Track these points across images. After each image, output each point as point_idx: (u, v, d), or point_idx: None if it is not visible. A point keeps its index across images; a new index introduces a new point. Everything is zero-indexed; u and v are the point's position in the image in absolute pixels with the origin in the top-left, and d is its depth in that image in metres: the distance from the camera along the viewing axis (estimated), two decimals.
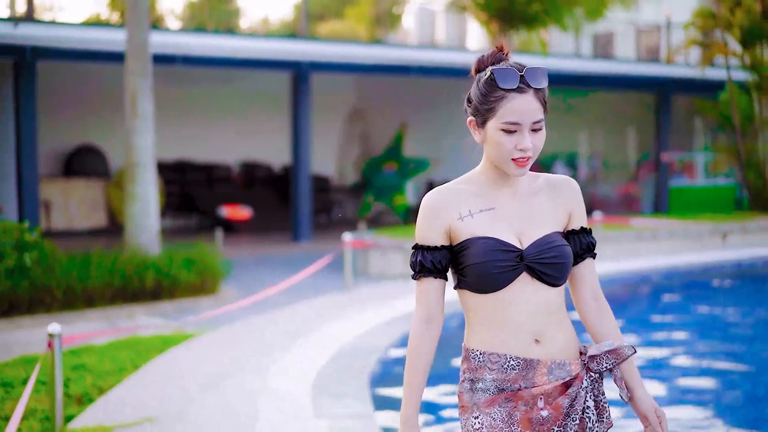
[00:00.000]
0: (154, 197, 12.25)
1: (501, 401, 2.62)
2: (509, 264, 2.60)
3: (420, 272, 2.69)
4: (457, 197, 2.69)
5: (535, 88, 2.60)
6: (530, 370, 2.62)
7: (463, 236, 2.65)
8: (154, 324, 10.04)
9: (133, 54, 12.07)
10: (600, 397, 2.68)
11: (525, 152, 2.59)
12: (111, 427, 5.45)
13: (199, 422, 5.69)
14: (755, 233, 18.48)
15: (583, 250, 2.76)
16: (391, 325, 8.95)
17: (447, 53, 20.61)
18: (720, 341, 9.85)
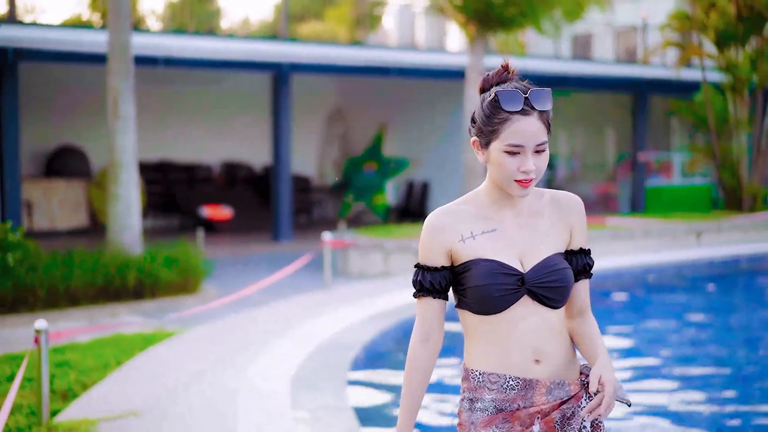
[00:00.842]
0: (136, 197, 12.39)
1: (498, 422, 2.64)
2: (510, 287, 2.61)
3: (420, 292, 2.71)
4: (459, 218, 2.69)
5: (539, 110, 2.59)
6: (529, 390, 2.64)
7: (465, 258, 2.66)
8: (136, 322, 10.19)
9: (114, 55, 12.20)
10: (598, 417, 2.65)
11: (528, 174, 2.59)
12: (96, 421, 5.63)
13: (181, 416, 5.87)
14: (729, 232, 18.78)
15: (579, 272, 2.77)
16: (368, 322, 9.15)
17: (426, 55, 20.81)
18: (691, 337, 10.09)
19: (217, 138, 23.46)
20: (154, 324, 10.03)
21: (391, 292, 11.21)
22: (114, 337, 8.89)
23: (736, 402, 7.31)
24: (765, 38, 21.02)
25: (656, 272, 14.20)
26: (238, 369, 7.18)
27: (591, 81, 22.12)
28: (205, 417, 5.84)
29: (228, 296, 10.79)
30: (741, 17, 20.65)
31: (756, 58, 21.06)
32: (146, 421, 5.72)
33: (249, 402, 6.19)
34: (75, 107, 20.70)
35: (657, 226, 18.07)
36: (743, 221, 19.38)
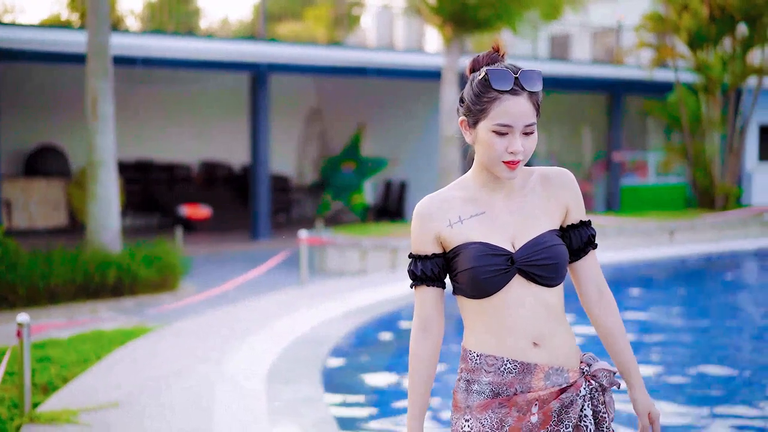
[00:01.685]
0: (115, 196, 12.52)
1: (494, 406, 2.59)
2: (500, 268, 2.57)
3: (414, 281, 2.68)
4: (447, 204, 2.65)
5: (529, 91, 2.56)
6: (527, 374, 2.59)
7: (454, 243, 2.62)
8: (115, 319, 10.35)
9: (94, 56, 12.32)
10: (600, 407, 2.65)
11: (515, 155, 2.54)
12: (77, 411, 5.80)
13: (160, 407, 6.05)
14: (702, 230, 19.10)
15: (585, 244, 2.72)
16: (344, 317, 9.35)
17: (404, 55, 21.01)
18: (661, 334, 10.32)
19: (196, 138, 23.59)
20: (133, 320, 10.20)
21: (366, 288, 11.41)
22: (94, 333, 9.04)
23: (707, 397, 7.53)
24: (737, 39, 21.36)
25: (627, 270, 14.44)
26: (215, 363, 7.37)
27: (568, 81, 22.37)
28: (183, 408, 6.02)
29: (206, 292, 10.97)
30: (713, 19, 20.97)
31: (728, 59, 21.39)
32: (126, 412, 5.90)
33: (226, 394, 6.38)
34: (54, 107, 20.79)
35: (631, 224, 18.35)
36: (715, 220, 19.71)
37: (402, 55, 20.88)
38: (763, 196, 24.24)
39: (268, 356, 7.55)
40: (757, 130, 25.17)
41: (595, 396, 2.64)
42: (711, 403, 7.25)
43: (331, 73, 20.14)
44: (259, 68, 18.42)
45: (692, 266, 15.60)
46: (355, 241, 14.61)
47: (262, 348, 7.90)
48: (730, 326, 10.99)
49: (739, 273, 15.98)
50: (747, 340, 10.17)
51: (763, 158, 25.43)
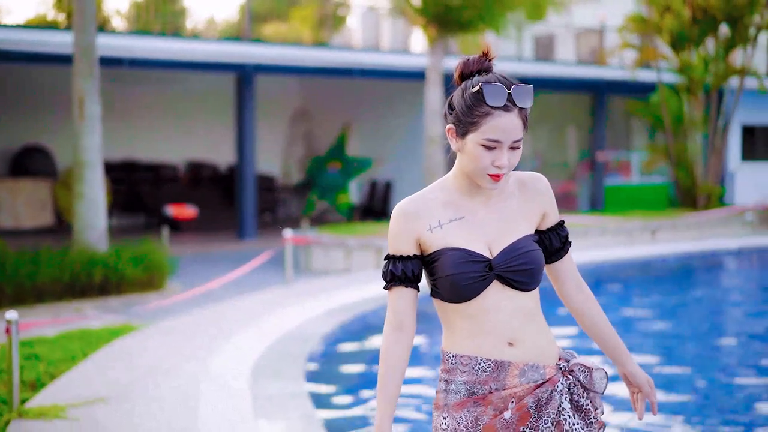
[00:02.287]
0: (102, 196, 12.59)
1: (470, 405, 2.63)
2: (478, 275, 2.60)
3: (391, 281, 2.68)
4: (426, 207, 2.67)
5: (520, 107, 2.58)
6: (501, 372, 2.63)
7: (433, 247, 2.65)
8: (102, 317, 10.45)
9: (80, 57, 12.40)
10: (582, 400, 2.68)
11: (501, 169, 2.57)
12: (65, 407, 5.91)
13: (147, 402, 6.17)
14: (683, 229, 19.30)
15: (559, 248, 2.79)
16: (327, 315, 9.48)
17: (390, 56, 21.14)
18: (640, 331, 10.48)
19: (182, 138, 23.67)
20: (120, 319, 10.30)
21: (351, 287, 11.54)
22: (81, 332, 9.14)
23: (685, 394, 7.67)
24: (719, 40, 21.57)
25: (610, 269, 14.61)
26: (201, 359, 7.49)
27: (552, 82, 22.53)
28: (169, 403, 6.14)
29: (192, 290, 11.08)
30: (695, 20, 21.17)
31: (710, 60, 21.61)
32: (113, 407, 6.01)
33: (211, 389, 6.50)
34: (40, 107, 20.85)
35: (614, 224, 18.53)
36: (697, 219, 19.91)
37: (387, 56, 21.01)
38: (745, 195, 24.46)
39: (253, 353, 7.68)
40: (740, 130, 25.39)
41: (575, 390, 2.67)
42: (690, 399, 7.40)
43: (317, 73, 20.25)
44: (244, 69, 18.53)
45: (673, 265, 15.79)
46: (341, 241, 14.74)
47: (248, 345, 8.02)
48: (708, 324, 11.17)
49: (719, 272, 16.17)
50: (726, 337, 10.35)
51: (745, 158, 25.65)
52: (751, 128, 25.71)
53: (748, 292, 14.47)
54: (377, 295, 10.63)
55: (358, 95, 23.85)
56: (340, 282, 12.33)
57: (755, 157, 25.86)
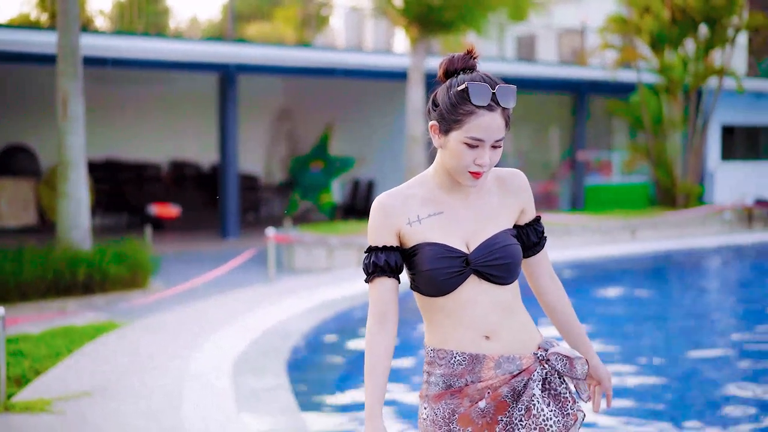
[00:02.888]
0: (86, 195, 12.67)
1: (447, 397, 2.68)
2: (455, 270, 2.64)
3: (373, 273, 2.70)
4: (406, 201, 2.71)
5: (503, 107, 2.63)
6: (477, 364, 2.67)
7: (412, 242, 2.69)
8: (86, 315, 10.54)
9: (64, 57, 12.46)
10: (560, 388, 2.71)
11: (482, 167, 2.61)
12: (50, 400, 6.03)
13: (131, 396, 6.29)
14: (663, 228, 19.52)
15: (535, 243, 2.84)
16: (309, 312, 9.61)
17: (372, 56, 21.26)
18: (619, 327, 10.65)
19: (165, 137, 23.74)
20: (103, 317, 10.39)
21: (333, 285, 11.68)
22: (65, 329, 9.23)
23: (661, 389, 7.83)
24: (698, 41, 21.80)
25: (590, 266, 14.78)
26: (184, 354, 7.61)
27: (534, 82, 22.69)
28: (153, 397, 6.26)
29: (175, 287, 11.18)
30: (674, 21, 21.39)
31: (689, 60, 21.84)
32: (98, 401, 6.13)
33: (195, 384, 6.62)
34: (23, 107, 20.87)
35: (594, 223, 18.72)
36: (676, 218, 20.13)
37: (370, 56, 21.13)
38: (725, 194, 24.70)
39: (235, 348, 7.81)
40: (720, 130, 25.64)
41: (552, 379, 2.70)
42: (667, 395, 7.56)
43: (299, 73, 20.36)
44: (227, 69, 18.62)
45: (652, 263, 15.98)
46: (323, 240, 14.86)
47: (231, 341, 8.15)
48: (685, 320, 11.35)
49: (697, 269, 16.38)
50: (703, 334, 10.52)
51: (725, 157, 25.90)
52: (731, 128, 25.97)
53: (725, 289, 14.69)
54: (359, 293, 10.78)
55: (341, 95, 23.97)
56: (322, 280, 12.46)
57: (735, 156, 26.12)
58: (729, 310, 12.67)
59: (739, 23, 21.70)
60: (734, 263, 17.26)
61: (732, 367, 8.70)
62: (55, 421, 5.64)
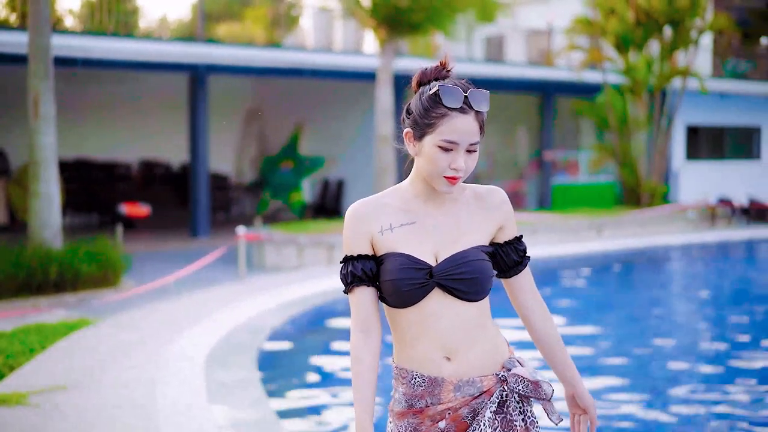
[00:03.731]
0: (57, 194, 12.75)
1: (410, 416, 2.67)
2: (419, 281, 2.61)
3: (352, 282, 2.67)
4: (379, 210, 2.69)
5: (477, 111, 2.60)
6: (436, 387, 2.64)
7: (381, 250, 2.66)
8: (58, 313, 10.67)
9: (35, 57, 12.54)
10: (514, 414, 2.66)
11: (457, 171, 2.59)
12: (26, 394, 6.18)
13: (104, 390, 6.45)
14: (628, 226, 19.84)
15: (516, 262, 2.76)
16: (279, 309, 9.80)
17: (341, 57, 21.45)
18: (583, 323, 10.90)
19: (136, 137, 23.82)
20: (75, 315, 10.52)
21: (302, 282, 11.87)
22: (38, 326, 9.35)
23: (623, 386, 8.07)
24: (662, 43, 22.17)
25: (555, 264, 15.04)
26: (156, 349, 7.78)
27: (502, 82, 22.95)
28: (126, 390, 6.43)
29: (147, 285, 11.33)
30: (639, 23, 21.75)
31: (653, 61, 22.21)
32: (73, 394, 6.29)
33: (167, 378, 6.79)
34: None
35: (560, 221, 19.00)
36: (641, 216, 20.48)
37: (339, 57, 21.32)
38: (690, 193, 25.08)
39: (206, 343, 7.98)
40: (685, 130, 26.03)
41: (510, 402, 2.67)
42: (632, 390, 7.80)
43: (269, 74, 20.50)
44: (197, 69, 18.74)
45: (615, 260, 16.28)
46: (292, 238, 15.03)
47: (202, 336, 8.32)
48: (647, 315, 11.62)
49: (659, 266, 16.70)
50: (664, 329, 10.80)
51: (690, 157, 26.30)
52: (696, 128, 26.37)
53: (687, 285, 15.00)
54: (328, 290, 10.98)
55: (311, 95, 24.15)
56: (291, 278, 12.64)
57: (699, 156, 26.53)
58: (689, 304, 12.97)
59: (703, 25, 22.10)
60: (695, 260, 17.60)
61: (692, 357, 8.97)
62: (30, 414, 5.80)
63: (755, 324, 11.04)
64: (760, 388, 7.82)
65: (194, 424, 5.62)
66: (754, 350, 9.49)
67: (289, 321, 9.30)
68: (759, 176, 27.12)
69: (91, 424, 5.63)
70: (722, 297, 13.58)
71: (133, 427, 5.56)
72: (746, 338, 10.08)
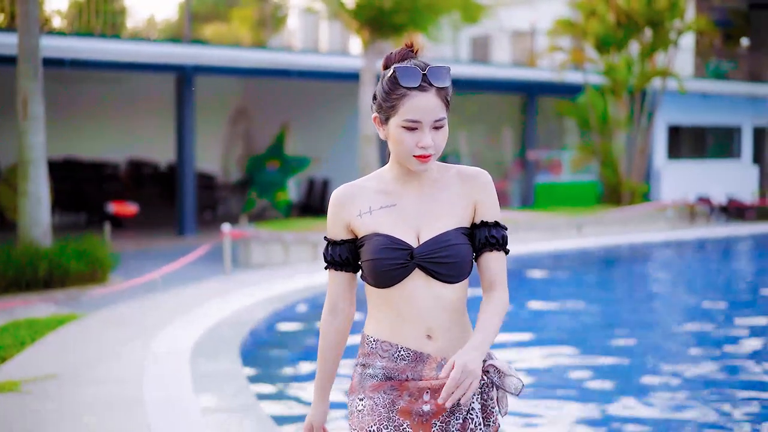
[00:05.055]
0: (46, 193, 12.97)
1: (386, 388, 2.68)
2: (399, 262, 2.64)
3: (327, 266, 2.80)
4: (360, 194, 2.74)
5: (438, 87, 2.61)
6: (419, 363, 2.68)
7: (361, 233, 2.71)
8: (48, 309, 10.93)
9: (24, 59, 12.75)
10: (489, 401, 2.70)
11: (426, 149, 2.60)
12: (18, 382, 6.47)
13: (94, 379, 6.74)
14: (607, 224, 20.19)
15: (483, 244, 2.72)
16: (263, 303, 10.10)
17: (327, 57, 21.72)
18: (561, 316, 11.21)
19: (123, 136, 24.06)
20: (65, 310, 10.79)
21: (286, 279, 12.16)
22: (28, 321, 9.61)
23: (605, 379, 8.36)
24: (642, 44, 22.54)
25: (535, 260, 15.36)
26: (143, 342, 8.07)
27: (487, 83, 23.23)
28: (114, 379, 6.72)
29: (134, 280, 11.60)
30: (619, 24, 22.11)
31: (633, 62, 22.57)
32: (64, 382, 6.58)
33: (154, 368, 7.08)
34: None
35: (542, 219, 19.33)
36: (621, 215, 20.83)
37: (324, 58, 21.60)
38: (672, 192, 25.38)
39: (192, 336, 8.27)
40: (666, 130, 26.39)
41: (486, 391, 2.70)
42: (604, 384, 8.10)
43: (256, 74, 20.76)
44: (184, 70, 18.98)
45: (593, 257, 16.62)
46: (278, 236, 15.31)
47: (187, 329, 8.61)
48: (622, 309, 11.95)
49: (636, 263, 17.04)
50: (640, 323, 11.11)
51: (672, 156, 26.65)
52: (677, 128, 26.74)
53: (661, 280, 15.34)
54: (311, 285, 11.28)
55: (297, 95, 24.42)
56: (276, 274, 12.93)
57: (681, 155, 26.89)
58: (661, 299, 13.29)
59: (682, 26, 22.46)
60: (671, 256, 17.95)
61: (670, 353, 9.27)
62: (22, 400, 6.08)
63: (729, 316, 11.38)
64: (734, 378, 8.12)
65: (179, 410, 5.91)
66: (726, 341, 9.79)
67: (273, 315, 9.60)
68: (739, 175, 27.53)
69: (80, 408, 5.91)
70: (697, 291, 13.89)
71: (121, 409, 5.85)
72: (721, 331, 10.40)
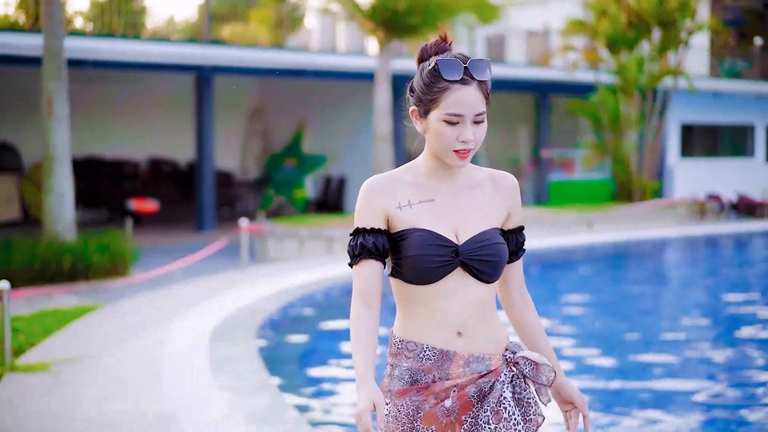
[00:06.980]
0: (70, 189, 13.41)
1: (412, 394, 2.61)
2: (445, 259, 2.57)
3: (360, 255, 2.61)
4: (397, 186, 2.65)
5: (479, 80, 2.57)
6: (446, 362, 2.60)
7: (401, 226, 2.61)
8: (71, 300, 11.41)
9: (49, 59, 13.18)
10: (524, 393, 2.65)
11: (467, 144, 2.56)
12: (49, 363, 6.93)
13: (118, 360, 7.20)
14: (618, 221, 20.54)
15: (518, 249, 2.75)
16: (278, 294, 10.53)
17: (344, 57, 22.12)
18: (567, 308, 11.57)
19: (144, 135, 24.50)
20: (88, 301, 11.26)
21: (300, 271, 12.60)
22: (54, 311, 10.10)
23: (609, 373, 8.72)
24: (653, 43, 22.86)
25: (546, 255, 15.70)
26: (164, 328, 8.53)
27: (501, 82, 23.54)
28: (136, 361, 7.17)
29: (155, 271, 12.06)
30: (630, 24, 22.45)
31: (643, 61, 22.90)
32: (90, 363, 7.03)
33: (173, 351, 7.53)
34: (7, 105, 21.57)
35: (554, 216, 19.70)
36: (631, 211, 21.16)
37: (340, 58, 22.00)
38: (684, 190, 25.63)
39: (209, 323, 8.72)
40: (679, 128, 26.67)
41: (518, 383, 2.65)
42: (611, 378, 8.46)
43: (273, 74, 21.16)
44: (203, 70, 19.40)
45: (602, 252, 16.96)
46: (293, 231, 15.74)
47: (205, 316, 9.06)
48: (626, 304, 12.30)
49: (645, 258, 17.38)
50: (643, 318, 11.46)
51: (684, 154, 26.93)
52: (690, 126, 27.01)
53: (667, 275, 15.67)
54: (325, 278, 11.71)
55: (313, 95, 24.81)
56: (291, 267, 13.37)
57: (693, 153, 27.18)
58: (667, 293, 13.62)
59: (692, 26, 22.77)
60: (682, 253, 18.26)
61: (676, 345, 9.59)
62: (53, 378, 6.53)
63: (737, 310, 11.70)
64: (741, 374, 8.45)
65: (197, 386, 6.34)
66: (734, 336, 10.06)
67: (287, 305, 10.03)
68: (752, 173, 27.78)
69: (107, 382, 6.36)
70: (702, 286, 14.19)
71: (142, 386, 6.29)
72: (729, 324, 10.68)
